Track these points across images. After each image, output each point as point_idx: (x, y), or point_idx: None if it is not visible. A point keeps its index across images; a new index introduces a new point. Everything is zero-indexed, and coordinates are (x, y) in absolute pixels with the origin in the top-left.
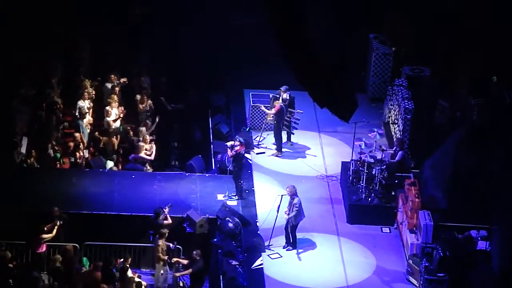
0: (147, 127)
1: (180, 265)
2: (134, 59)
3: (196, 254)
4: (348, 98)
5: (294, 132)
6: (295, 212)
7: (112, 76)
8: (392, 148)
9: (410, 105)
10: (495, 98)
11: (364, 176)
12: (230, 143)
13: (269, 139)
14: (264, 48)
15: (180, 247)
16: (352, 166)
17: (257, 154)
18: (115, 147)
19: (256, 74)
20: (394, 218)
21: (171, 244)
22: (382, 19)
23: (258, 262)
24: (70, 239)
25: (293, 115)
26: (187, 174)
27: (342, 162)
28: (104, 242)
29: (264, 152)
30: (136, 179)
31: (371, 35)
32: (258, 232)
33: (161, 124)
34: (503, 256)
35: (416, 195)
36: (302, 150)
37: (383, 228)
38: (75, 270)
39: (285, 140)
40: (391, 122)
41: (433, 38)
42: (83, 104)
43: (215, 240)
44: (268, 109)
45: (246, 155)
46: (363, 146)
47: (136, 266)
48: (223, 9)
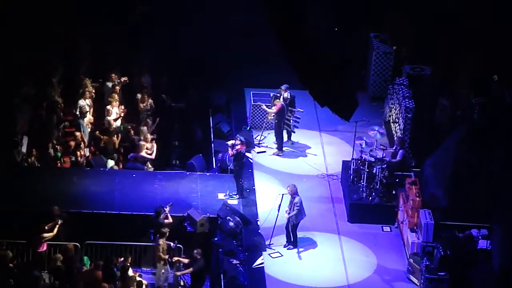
0: (148, 126)
1: (181, 264)
2: (135, 58)
3: (197, 253)
4: (349, 97)
5: (295, 131)
6: (296, 211)
7: (112, 75)
8: (393, 147)
9: (411, 104)
10: (495, 97)
11: (365, 175)
12: (231, 142)
13: (269, 138)
14: (264, 47)
15: (181, 246)
16: (353, 165)
17: (257, 153)
18: (115, 146)
19: (257, 73)
20: (395, 217)
21: (172, 243)
22: (383, 19)
23: (259, 261)
24: (71, 238)
25: (293, 114)
26: (187, 173)
27: (343, 161)
28: (105, 241)
29: (264, 151)
30: (137, 178)
31: (371, 34)
32: (259, 231)
33: (162, 123)
34: (504, 255)
35: (417, 194)
36: (303, 149)
37: (383, 227)
38: (76, 269)
39: (285, 139)
40: (391, 121)
41: (433, 38)
42: (84, 103)
43: (216, 239)
44: (269, 108)
45: (247, 154)
46: (363, 145)
47: (137, 265)
48: (223, 8)
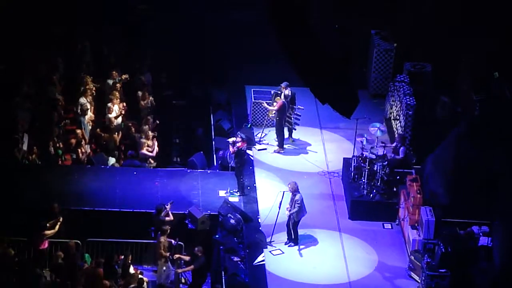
0: (149, 124)
1: (182, 261)
2: (135, 55)
3: (198, 250)
4: (350, 94)
5: (296, 128)
6: (297, 209)
7: (113, 72)
8: (393, 144)
9: (412, 101)
10: (496, 94)
11: (366, 172)
12: (231, 139)
13: (270, 136)
14: (265, 45)
15: (182, 243)
16: (354, 162)
17: (258, 150)
18: (116, 144)
19: (258, 71)
20: (396, 214)
21: (173, 241)
22: (384, 16)
23: (260, 259)
24: (72, 235)
25: (294, 111)
26: (188, 171)
27: (344, 158)
28: (106, 239)
29: (265, 149)
30: (138, 176)
31: (372, 31)
32: (260, 228)
33: (162, 120)
34: (505, 252)
35: (418, 191)
36: (304, 146)
37: (384, 224)
38: (77, 267)
39: (286, 136)
40: (392, 118)
41: (434, 35)
42: (85, 101)
43: (217, 236)
44: (269, 105)
45: (248, 151)
46: (364, 142)
47: (138, 263)
48: (224, 5)
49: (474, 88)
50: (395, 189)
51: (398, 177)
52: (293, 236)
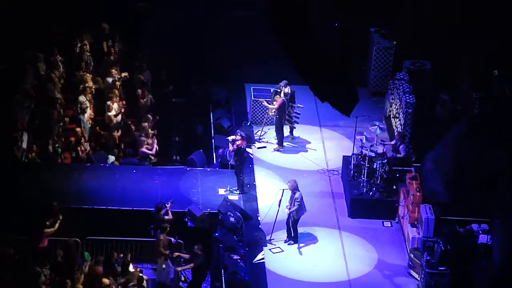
0: (149, 122)
1: (182, 259)
2: (135, 53)
3: (197, 248)
4: (349, 92)
5: (296, 126)
6: (297, 207)
7: (113, 70)
8: (392, 141)
9: (411, 99)
10: (496, 92)
11: (365, 170)
12: (231, 137)
13: (270, 134)
14: (265, 43)
15: (181, 241)
16: (353, 160)
17: (258, 148)
18: (116, 142)
19: (257, 69)
20: (396, 212)
21: (173, 239)
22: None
23: (260, 257)
24: (71, 233)
25: (293, 109)
26: (188, 169)
27: (343, 156)
28: (105, 237)
29: (265, 147)
30: (138, 174)
31: (372, 29)
32: (260, 226)
33: (162, 118)
34: (504, 250)
35: (417, 189)
36: (303, 144)
37: (384, 222)
38: (77, 265)
39: (287, 134)
40: (392, 116)
41: (433, 35)
42: (84, 99)
43: (217, 234)
44: (269, 104)
45: (248, 149)
46: (364, 140)
47: (138, 261)
48: (224, 3)
49: (474, 86)
50: (394, 187)
51: (398, 175)
52: (292, 234)
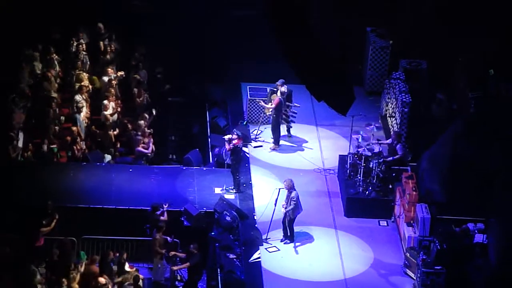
0: (145, 121)
1: (178, 258)
2: (131, 52)
3: (193, 247)
4: (345, 91)
5: (292, 126)
6: (293, 206)
7: (109, 69)
8: (388, 140)
9: (407, 98)
10: (491, 91)
11: (362, 170)
12: (227, 136)
13: (266, 133)
14: (261, 42)
15: (177, 240)
16: (350, 160)
17: (254, 147)
18: (112, 141)
19: (254, 68)
20: (392, 211)
21: (169, 238)
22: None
23: (256, 256)
24: (67, 233)
25: (290, 109)
26: (184, 168)
27: (340, 156)
28: (101, 236)
29: (261, 146)
30: (134, 173)
31: (368, 28)
32: (256, 225)
33: (158, 117)
34: (500, 249)
35: (414, 188)
36: (300, 144)
37: (380, 221)
38: (73, 264)
39: (284, 133)
40: (388, 115)
41: (431, 35)
42: (80, 98)
43: (213, 233)
44: (266, 103)
45: (244, 148)
46: (360, 140)
47: (134, 260)
48: (221, 2)
49: (470, 86)
50: (390, 186)
51: (394, 174)
52: (289, 233)
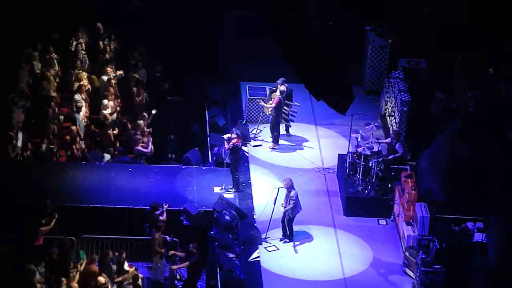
0: (144, 120)
1: (177, 258)
2: (130, 51)
3: (192, 247)
4: (345, 90)
5: (291, 125)
6: (292, 205)
7: (108, 68)
8: (387, 139)
9: (407, 97)
10: (490, 90)
11: (361, 169)
12: (227, 135)
13: (265, 132)
14: (260, 41)
15: (177, 240)
16: (349, 159)
17: (253, 146)
18: (111, 140)
19: (253, 67)
20: (391, 210)
21: (168, 237)
22: (380, 12)
23: (255, 255)
24: (67, 232)
25: (290, 107)
26: (183, 167)
27: (339, 155)
28: (100, 235)
29: (260, 145)
30: (133, 172)
31: (367, 28)
32: (255, 224)
33: (157, 116)
34: (499, 248)
35: (413, 187)
36: (299, 143)
37: (379, 221)
38: (72, 263)
39: (283, 133)
40: (387, 114)
41: (430, 32)
42: (79, 97)
43: (212, 233)
44: (265, 102)
45: (243, 147)
46: (359, 139)
47: (133, 259)
48: (222, 2)
49: (468, 85)
50: (390, 185)
51: (393, 173)
52: (288, 233)
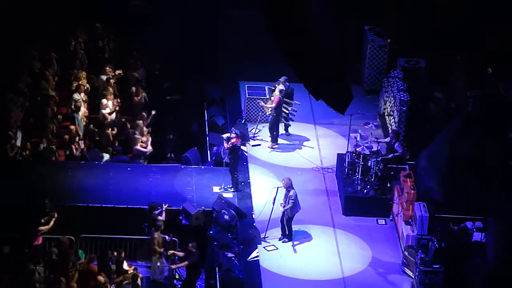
0: (143, 120)
1: (176, 257)
2: (129, 51)
3: (192, 246)
4: (344, 90)
5: (290, 124)
6: (291, 204)
7: (107, 68)
8: (386, 138)
9: (406, 97)
10: (490, 90)
11: (360, 168)
12: (226, 135)
13: (264, 131)
14: (260, 41)
15: (176, 239)
16: (348, 158)
17: (253, 146)
18: (110, 139)
19: (252, 67)
20: (390, 209)
21: (167, 237)
22: (378, 12)
23: (254, 254)
24: (65, 231)
25: (290, 106)
26: (182, 167)
27: (338, 154)
28: (99, 235)
29: (260, 144)
30: (132, 172)
31: (366, 27)
32: (254, 224)
33: (156, 115)
34: (499, 248)
35: (412, 187)
36: (298, 142)
37: (378, 220)
38: (71, 263)
39: (282, 132)
40: (386, 114)
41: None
42: (78, 97)
43: (211, 232)
44: (266, 102)
45: (242, 147)
46: (358, 138)
47: (132, 259)
48: (220, 2)
49: (468, 84)
50: (389, 184)
51: (392, 172)
52: (287, 232)
